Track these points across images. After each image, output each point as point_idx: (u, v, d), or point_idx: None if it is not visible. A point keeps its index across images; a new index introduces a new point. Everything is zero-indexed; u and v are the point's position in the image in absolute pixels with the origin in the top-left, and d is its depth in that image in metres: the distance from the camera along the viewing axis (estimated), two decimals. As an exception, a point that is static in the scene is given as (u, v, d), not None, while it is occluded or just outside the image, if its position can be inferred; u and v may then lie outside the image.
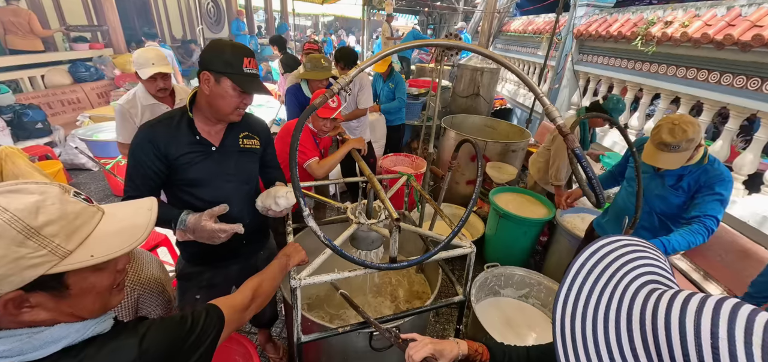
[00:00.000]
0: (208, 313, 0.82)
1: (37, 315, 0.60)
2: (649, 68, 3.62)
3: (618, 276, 0.49)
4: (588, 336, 0.46)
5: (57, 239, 0.59)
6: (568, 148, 0.92)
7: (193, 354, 0.75)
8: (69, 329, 0.61)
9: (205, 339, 0.78)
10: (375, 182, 1.07)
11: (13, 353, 0.57)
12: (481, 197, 3.47)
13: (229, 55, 1.27)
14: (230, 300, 0.95)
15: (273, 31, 12.72)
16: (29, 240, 0.56)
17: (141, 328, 0.69)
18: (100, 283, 0.66)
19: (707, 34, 2.81)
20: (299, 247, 1.32)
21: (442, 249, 1.18)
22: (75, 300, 0.63)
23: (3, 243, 0.54)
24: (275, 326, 2.46)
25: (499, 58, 1.01)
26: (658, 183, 1.88)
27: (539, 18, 6.10)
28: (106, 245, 0.64)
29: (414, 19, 15.98)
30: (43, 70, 5.26)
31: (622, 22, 3.89)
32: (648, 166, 1.90)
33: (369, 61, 0.97)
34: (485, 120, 4.65)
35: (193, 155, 1.38)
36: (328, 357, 1.67)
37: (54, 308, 0.61)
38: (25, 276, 0.56)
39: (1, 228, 0.54)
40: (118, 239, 0.66)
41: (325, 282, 1.24)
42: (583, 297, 0.49)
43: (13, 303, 0.57)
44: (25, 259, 0.55)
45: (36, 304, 0.59)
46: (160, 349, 0.69)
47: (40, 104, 4.62)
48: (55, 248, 0.58)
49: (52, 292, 0.60)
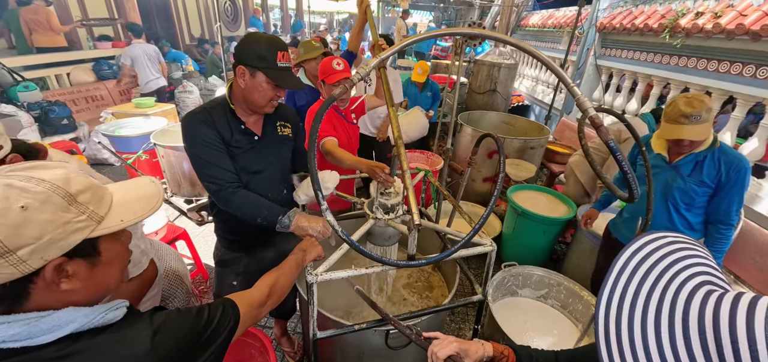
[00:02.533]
0: (224, 308, 0.82)
1: (73, 285, 0.62)
2: (677, 62, 3.46)
3: (668, 275, 0.45)
4: (636, 340, 0.42)
5: (91, 205, 0.63)
6: (601, 139, 0.86)
7: (207, 349, 0.74)
8: (76, 313, 0.61)
9: (219, 335, 0.77)
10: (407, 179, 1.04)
11: (21, 337, 0.57)
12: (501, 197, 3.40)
13: (264, 49, 1.28)
14: (247, 296, 0.94)
15: (288, 30, 12.83)
16: (71, 206, 0.60)
17: (156, 320, 0.68)
18: (121, 254, 0.71)
19: (742, 24, 2.65)
20: (315, 242, 1.30)
21: (463, 247, 1.14)
22: (103, 269, 0.67)
23: (51, 209, 0.57)
24: (290, 321, 2.46)
25: (527, 47, 0.97)
26: (673, 175, 1.79)
27: (559, 12, 5.93)
28: (130, 211, 0.68)
29: (429, 15, 15.82)
30: (69, 69, 5.43)
31: (649, 14, 3.74)
32: (660, 159, 1.83)
33: (392, 49, 0.94)
34: (502, 116, 4.55)
35: (241, 143, 1.42)
36: (344, 355, 1.65)
37: (86, 278, 0.64)
38: (71, 240, 0.60)
39: (46, 195, 0.57)
40: (139, 206, 0.70)
41: (341, 278, 1.22)
42: (629, 298, 0.45)
43: (57, 270, 0.60)
44: (70, 223, 0.59)
45: (73, 273, 0.62)
46: (173, 342, 0.68)
47: (65, 101, 4.76)
48: (91, 213, 0.63)
49: (87, 259, 0.64)
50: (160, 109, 4.91)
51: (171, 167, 3.34)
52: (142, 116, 4.45)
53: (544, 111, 5.45)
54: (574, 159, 3.17)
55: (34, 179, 0.58)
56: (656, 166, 1.85)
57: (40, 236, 0.56)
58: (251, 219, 1.36)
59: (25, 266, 0.56)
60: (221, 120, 1.37)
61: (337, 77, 1.95)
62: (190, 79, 6.68)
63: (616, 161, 0.87)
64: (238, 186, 1.39)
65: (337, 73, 1.95)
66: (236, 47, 1.36)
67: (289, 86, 1.34)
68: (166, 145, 3.21)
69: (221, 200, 1.38)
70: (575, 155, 3.20)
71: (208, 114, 1.36)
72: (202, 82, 6.83)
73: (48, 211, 0.57)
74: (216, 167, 1.35)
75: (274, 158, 1.54)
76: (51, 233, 0.57)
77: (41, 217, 0.56)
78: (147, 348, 0.64)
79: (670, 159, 1.80)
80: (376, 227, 1.49)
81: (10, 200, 0.55)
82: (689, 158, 1.73)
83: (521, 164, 3.35)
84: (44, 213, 0.57)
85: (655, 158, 1.86)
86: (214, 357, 0.76)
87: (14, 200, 0.55)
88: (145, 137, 3.70)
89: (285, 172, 1.66)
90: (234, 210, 1.38)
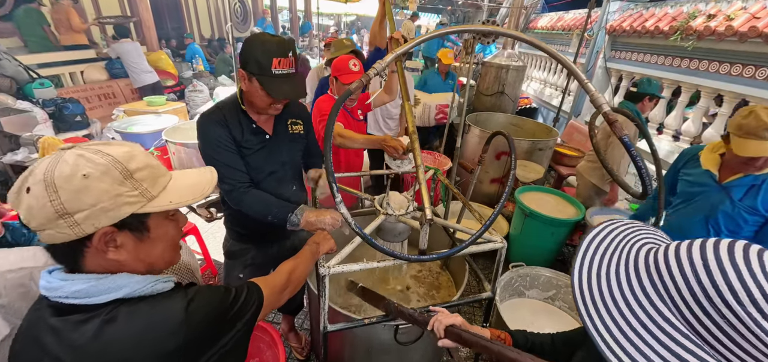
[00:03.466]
0: (249, 289, 0.85)
1: (119, 256, 0.67)
2: (688, 65, 3.44)
3: (622, 244, 0.59)
4: (604, 292, 0.54)
5: (145, 183, 0.67)
6: (615, 135, 0.87)
7: (234, 325, 0.77)
8: (130, 279, 0.67)
9: (246, 312, 0.81)
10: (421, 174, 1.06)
11: (82, 295, 0.63)
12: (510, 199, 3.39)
13: (260, 54, 1.23)
14: (269, 281, 0.97)
15: (297, 31, 12.92)
16: (126, 181, 0.65)
17: (190, 292, 0.72)
18: (170, 233, 0.75)
19: (755, 27, 2.63)
20: (328, 235, 1.32)
21: (474, 242, 1.15)
22: (150, 245, 0.71)
23: (108, 180, 0.62)
24: (297, 317, 2.48)
25: (538, 42, 0.98)
26: (722, 197, 1.55)
27: (569, 14, 5.91)
28: (180, 194, 0.73)
29: (437, 17, 15.84)
30: (83, 67, 5.53)
31: (660, 17, 3.71)
32: (708, 177, 1.60)
33: (406, 46, 0.95)
34: (510, 118, 4.54)
35: (252, 143, 1.43)
36: (353, 349, 1.67)
37: (133, 250, 0.69)
38: (120, 212, 0.64)
39: (106, 168, 0.63)
40: (190, 192, 0.75)
41: (353, 271, 1.23)
42: (596, 264, 0.58)
43: (105, 238, 0.64)
44: (122, 197, 0.64)
45: (120, 244, 0.67)
46: (204, 314, 0.71)
47: (79, 98, 4.84)
48: (144, 191, 0.67)
49: (135, 233, 0.68)
50: (171, 107, 4.99)
51: (182, 164, 3.39)
52: (154, 114, 4.52)
53: (551, 114, 5.43)
54: (582, 165, 3.16)
55: (101, 152, 0.64)
56: (702, 184, 1.62)
57: (94, 203, 0.61)
58: (262, 217, 1.37)
59: (79, 229, 0.61)
60: (233, 119, 1.38)
61: (352, 78, 1.99)
62: (200, 78, 6.76)
63: (630, 157, 0.88)
64: (249, 186, 1.41)
65: (352, 73, 2.01)
66: (241, 47, 1.34)
67: (282, 96, 1.28)
68: (178, 142, 3.27)
69: (233, 199, 1.40)
70: (582, 162, 3.20)
71: (222, 114, 1.37)
72: (212, 81, 6.92)
73: (105, 182, 0.62)
74: (228, 168, 1.36)
75: (286, 156, 1.55)
76: (104, 203, 0.62)
77: (99, 186, 0.61)
78: (181, 318, 0.67)
79: (720, 178, 1.57)
80: (386, 223, 1.51)
81: (78, 167, 0.61)
82: (745, 180, 1.49)
83: (529, 166, 3.34)
84: (102, 183, 0.62)
85: (702, 174, 1.61)
86: (240, 335, 0.78)
87: (80, 168, 0.61)
88: (156, 134, 3.76)
89: (297, 170, 1.67)
90: (245, 209, 1.40)
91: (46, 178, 0.59)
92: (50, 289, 0.64)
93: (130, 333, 0.63)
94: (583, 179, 3.07)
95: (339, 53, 2.87)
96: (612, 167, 2.53)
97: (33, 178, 0.61)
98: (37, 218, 0.60)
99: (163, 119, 4.45)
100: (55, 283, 0.64)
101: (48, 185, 0.59)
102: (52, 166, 0.61)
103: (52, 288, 0.64)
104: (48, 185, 0.59)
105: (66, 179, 0.59)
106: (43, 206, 0.59)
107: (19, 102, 4.11)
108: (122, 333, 0.63)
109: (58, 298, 0.64)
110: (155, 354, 0.64)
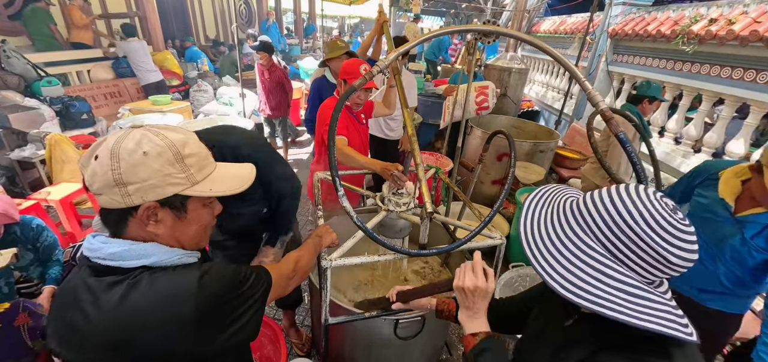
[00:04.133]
0: (258, 272, 0.88)
1: (157, 229, 0.73)
2: (690, 68, 3.45)
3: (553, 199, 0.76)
4: (543, 236, 0.70)
5: (192, 169, 0.74)
6: (611, 132, 0.89)
7: (243, 304, 0.79)
8: (158, 249, 0.73)
9: (255, 292, 0.83)
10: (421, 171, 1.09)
11: (116, 257, 0.70)
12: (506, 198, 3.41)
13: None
14: (277, 267, 1.00)
15: (301, 33, 13.01)
16: (177, 163, 0.71)
17: (205, 267, 0.77)
18: (204, 217, 0.80)
19: (756, 31, 2.65)
20: (330, 229, 1.35)
21: (475, 236, 1.17)
22: (185, 225, 0.77)
23: (161, 161, 0.69)
24: (297, 314, 2.51)
25: (538, 42, 1.00)
26: (733, 231, 1.42)
27: (571, 18, 5.93)
28: (220, 184, 0.78)
29: (440, 20, 15.90)
30: (89, 66, 5.60)
31: (662, 21, 3.73)
32: (721, 206, 1.46)
33: (412, 43, 0.98)
34: (512, 120, 4.57)
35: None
36: (353, 343, 1.69)
37: (170, 227, 0.75)
38: (166, 191, 0.70)
39: (162, 149, 0.69)
40: (229, 183, 0.80)
41: (354, 263, 1.26)
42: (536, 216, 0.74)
43: (148, 211, 0.70)
44: (170, 177, 0.70)
45: (160, 219, 0.72)
46: (215, 288, 0.74)
47: (85, 97, 4.91)
48: (190, 175, 0.73)
49: (175, 211, 0.74)
50: (176, 106, 5.04)
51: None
52: (159, 113, 4.57)
53: (553, 117, 5.45)
54: (586, 168, 3.19)
55: (161, 134, 0.71)
56: (714, 213, 1.48)
57: (146, 179, 0.67)
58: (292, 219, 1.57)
59: (129, 199, 0.68)
60: None
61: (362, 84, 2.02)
62: (205, 78, 6.82)
63: (625, 152, 0.90)
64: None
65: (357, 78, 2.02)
66: None
67: None
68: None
69: (295, 194, 1.62)
70: (587, 165, 3.22)
71: None
72: (217, 81, 6.98)
73: (159, 161, 0.68)
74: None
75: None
76: (153, 180, 0.68)
77: (152, 165, 0.68)
78: (194, 289, 0.71)
79: (736, 209, 1.42)
80: (387, 219, 1.53)
81: (140, 144, 0.67)
82: (762, 218, 1.35)
83: (530, 167, 3.36)
84: (156, 163, 0.68)
85: (716, 203, 1.48)
86: (249, 316, 0.79)
87: (142, 145, 0.67)
88: (161, 132, 3.80)
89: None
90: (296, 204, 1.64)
91: (114, 149, 0.66)
92: (92, 250, 0.71)
93: (147, 299, 0.68)
94: (587, 181, 3.09)
95: (333, 54, 2.93)
96: (610, 166, 2.56)
97: (103, 147, 0.68)
98: (98, 182, 0.67)
99: (167, 118, 4.50)
100: (96, 245, 0.71)
101: (113, 156, 0.66)
102: (121, 139, 0.68)
103: (93, 249, 0.70)
104: (113, 155, 0.66)
105: (129, 152, 0.66)
106: (105, 173, 0.66)
107: (27, 99, 4.18)
108: (140, 299, 0.67)
109: (97, 258, 0.70)
110: (167, 320, 0.68)
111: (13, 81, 4.31)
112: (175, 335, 0.69)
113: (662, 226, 0.58)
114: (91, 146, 0.70)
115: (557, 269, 0.65)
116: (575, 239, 0.65)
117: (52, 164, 3.64)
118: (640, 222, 0.59)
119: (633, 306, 0.60)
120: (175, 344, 0.69)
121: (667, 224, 0.59)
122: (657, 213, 0.59)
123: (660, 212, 0.59)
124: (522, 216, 0.75)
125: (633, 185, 0.64)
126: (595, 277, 0.62)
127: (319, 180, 1.86)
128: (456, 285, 0.92)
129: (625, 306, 0.60)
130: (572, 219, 0.67)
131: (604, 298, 0.60)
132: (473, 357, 0.84)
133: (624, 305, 0.60)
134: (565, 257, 0.65)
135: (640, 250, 0.60)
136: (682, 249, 0.58)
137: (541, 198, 0.78)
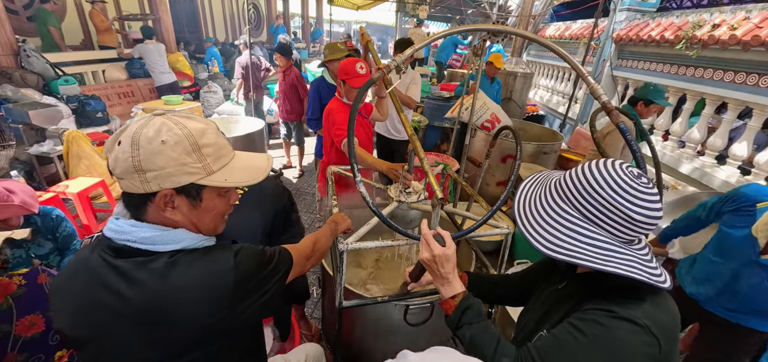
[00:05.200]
0: (280, 252, 0.95)
1: (174, 216, 0.77)
2: (693, 73, 3.51)
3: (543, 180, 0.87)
4: (532, 209, 0.82)
5: (209, 159, 0.76)
6: (612, 122, 0.96)
7: (270, 280, 0.87)
8: (188, 235, 0.78)
9: (280, 269, 0.91)
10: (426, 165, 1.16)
11: (148, 241, 0.74)
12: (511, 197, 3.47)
13: None
14: (296, 247, 1.06)
15: (308, 37, 13.17)
16: (193, 153, 0.73)
17: (235, 247, 0.83)
18: (219, 206, 0.83)
19: (758, 36, 2.70)
20: (345, 216, 1.42)
21: (484, 223, 1.24)
22: (201, 213, 0.80)
23: (178, 149, 0.71)
24: (307, 307, 2.57)
25: (545, 41, 1.08)
26: (757, 271, 1.40)
27: (576, 23, 6.00)
28: (235, 175, 0.80)
29: (446, 26, 16.01)
30: (104, 66, 5.76)
31: (665, 26, 3.79)
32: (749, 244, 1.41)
33: (423, 42, 1.06)
34: (517, 123, 4.63)
35: None
36: (364, 329, 1.75)
37: (186, 214, 0.78)
38: (182, 179, 0.73)
39: (180, 138, 0.72)
40: (244, 174, 0.82)
41: (369, 247, 1.33)
42: (527, 194, 0.87)
43: (165, 198, 0.74)
44: (187, 166, 0.73)
45: (177, 206, 0.76)
46: (247, 265, 0.81)
47: (100, 96, 5.05)
48: (206, 165, 0.75)
49: (190, 199, 0.77)
50: (187, 106, 5.16)
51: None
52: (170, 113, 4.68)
53: (558, 121, 5.50)
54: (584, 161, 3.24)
55: (180, 124, 0.73)
56: (741, 250, 1.46)
57: (163, 166, 0.70)
58: None
59: (147, 186, 0.71)
60: None
61: (360, 81, 2.07)
62: (215, 80, 6.97)
63: (626, 142, 0.97)
64: None
65: (360, 76, 2.09)
66: None
67: None
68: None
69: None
70: (586, 158, 3.26)
71: None
72: (226, 83, 7.12)
73: (176, 150, 0.71)
74: None
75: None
76: (170, 168, 0.71)
77: (170, 153, 0.70)
78: (232, 265, 0.78)
79: (763, 251, 1.38)
80: (398, 211, 1.60)
81: (160, 133, 0.70)
82: None
83: (534, 168, 3.42)
84: (173, 152, 0.71)
85: (746, 239, 1.43)
86: (274, 289, 0.87)
87: (161, 134, 0.70)
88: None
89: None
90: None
91: (134, 136, 0.70)
92: (119, 232, 0.74)
93: (192, 275, 0.74)
94: None
95: (333, 56, 3.01)
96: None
97: (125, 134, 0.71)
98: (119, 167, 0.70)
99: (180, 117, 4.61)
100: (126, 228, 0.74)
101: (134, 143, 0.69)
102: (142, 127, 0.71)
103: (122, 232, 0.74)
104: (134, 142, 0.69)
105: (148, 140, 0.69)
106: (126, 159, 0.69)
107: (45, 97, 4.31)
108: (185, 276, 0.74)
109: (125, 240, 0.73)
110: (208, 293, 0.75)
111: (32, 79, 4.45)
112: (213, 306, 0.75)
113: (624, 189, 0.68)
114: (117, 131, 0.73)
115: (539, 231, 0.77)
116: (555, 206, 0.78)
117: (68, 159, 3.75)
118: (605, 187, 0.70)
119: (601, 257, 0.70)
120: (210, 315, 0.75)
121: (629, 187, 0.68)
122: (620, 179, 0.69)
123: (623, 178, 0.69)
124: (516, 195, 0.88)
125: (603, 160, 0.74)
126: (569, 236, 0.73)
127: (332, 173, 1.94)
128: (420, 259, 1.01)
129: (593, 257, 0.70)
130: (554, 192, 0.80)
131: (576, 251, 0.72)
132: (458, 317, 0.91)
133: (592, 256, 0.70)
134: (546, 222, 0.77)
135: (607, 211, 0.70)
136: (643, 208, 0.67)
137: (533, 181, 0.90)
